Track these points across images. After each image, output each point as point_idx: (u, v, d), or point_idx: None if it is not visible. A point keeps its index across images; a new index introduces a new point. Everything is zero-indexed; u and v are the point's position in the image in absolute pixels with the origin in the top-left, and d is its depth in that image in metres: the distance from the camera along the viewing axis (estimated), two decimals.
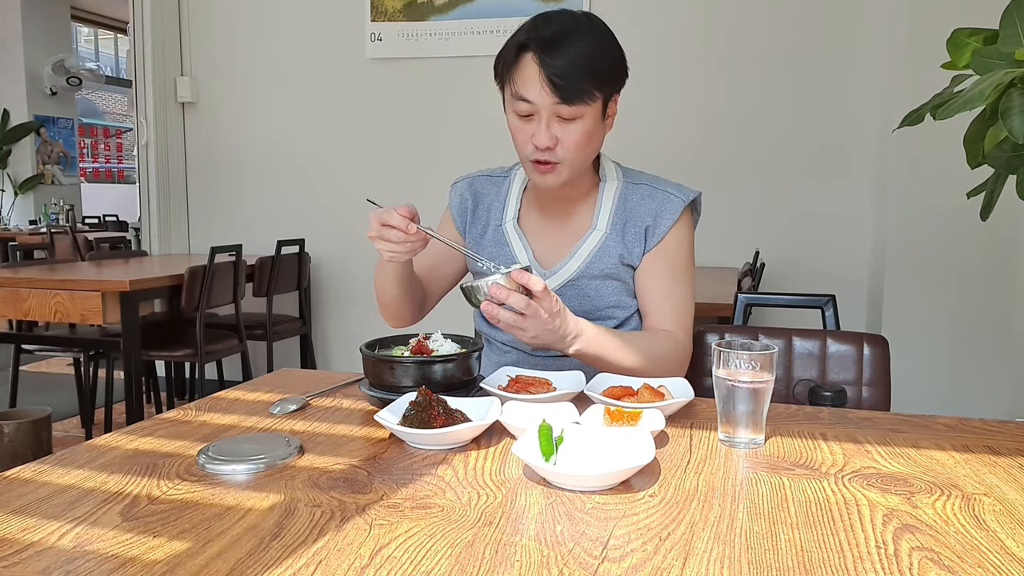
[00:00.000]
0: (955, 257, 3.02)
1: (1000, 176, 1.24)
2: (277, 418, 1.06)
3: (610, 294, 1.34)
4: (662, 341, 1.28)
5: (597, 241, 1.34)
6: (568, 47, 1.17)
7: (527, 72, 1.19)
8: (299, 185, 4.00)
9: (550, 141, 1.21)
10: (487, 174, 1.48)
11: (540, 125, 1.21)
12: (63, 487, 0.80)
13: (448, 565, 0.63)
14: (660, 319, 1.33)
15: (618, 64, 1.25)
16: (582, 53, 1.18)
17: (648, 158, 3.44)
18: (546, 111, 1.20)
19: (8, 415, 2.55)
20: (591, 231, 1.35)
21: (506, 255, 1.39)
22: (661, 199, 1.34)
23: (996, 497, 0.79)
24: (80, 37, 11.86)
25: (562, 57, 1.17)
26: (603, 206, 1.35)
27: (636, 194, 1.35)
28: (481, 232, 1.44)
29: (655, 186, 1.36)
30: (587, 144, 1.24)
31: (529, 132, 1.23)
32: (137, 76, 3.98)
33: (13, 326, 3.44)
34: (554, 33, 1.19)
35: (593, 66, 1.19)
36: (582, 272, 1.34)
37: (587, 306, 1.35)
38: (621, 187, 1.36)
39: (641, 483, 0.82)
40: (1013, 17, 1.09)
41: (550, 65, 1.17)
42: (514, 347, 1.40)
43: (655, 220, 1.33)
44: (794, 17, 3.31)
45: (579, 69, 1.17)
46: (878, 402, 1.50)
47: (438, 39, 3.69)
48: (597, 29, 1.23)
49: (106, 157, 12.35)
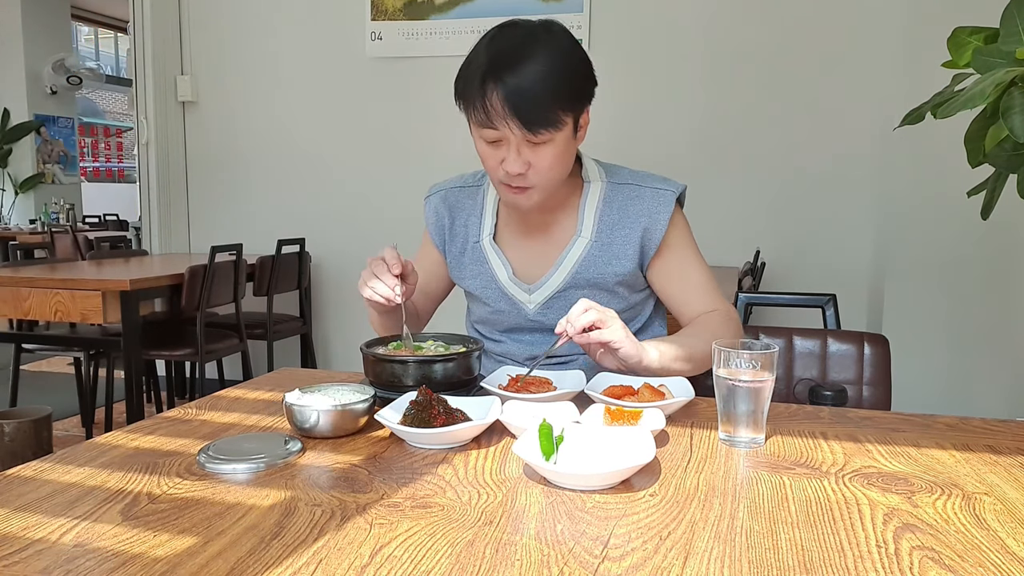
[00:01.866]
0: (955, 256, 3.02)
1: (1001, 175, 1.24)
2: (278, 417, 1.06)
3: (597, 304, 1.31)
4: (712, 323, 1.27)
5: (583, 248, 1.30)
6: (529, 74, 1.11)
7: (491, 101, 1.13)
8: (300, 184, 4.00)
9: (522, 167, 1.17)
10: (460, 184, 1.43)
11: (510, 152, 1.17)
12: (64, 486, 0.80)
13: (448, 564, 0.63)
14: (695, 306, 1.31)
15: (584, 79, 1.19)
16: (545, 79, 1.12)
17: (648, 158, 3.45)
18: (514, 139, 1.15)
19: (8, 414, 2.55)
20: (576, 238, 1.31)
21: (486, 273, 1.36)
22: (651, 197, 1.30)
23: (997, 496, 0.79)
24: (80, 36, 11.86)
25: (525, 86, 1.11)
26: (587, 210, 1.31)
27: (621, 195, 1.31)
28: (460, 250, 1.40)
29: (641, 184, 1.31)
30: (560, 164, 1.20)
31: (499, 157, 1.19)
32: (137, 75, 3.98)
33: (13, 325, 3.44)
34: (513, 59, 1.12)
35: (557, 91, 1.13)
36: (569, 283, 1.30)
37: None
38: (605, 188, 1.32)
39: (641, 482, 0.82)
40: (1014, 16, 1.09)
41: (513, 96, 1.11)
42: (509, 359, 1.38)
43: (651, 219, 1.29)
44: (794, 17, 3.31)
45: (543, 98, 1.12)
46: (878, 401, 1.50)
47: (438, 38, 3.69)
48: (557, 45, 1.16)
49: (106, 156, 12.35)
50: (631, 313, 1.36)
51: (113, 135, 12.47)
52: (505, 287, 1.34)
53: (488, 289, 1.36)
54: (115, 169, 12.43)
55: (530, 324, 1.35)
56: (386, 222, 3.80)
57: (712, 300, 1.32)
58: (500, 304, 1.35)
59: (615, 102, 3.51)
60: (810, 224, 3.38)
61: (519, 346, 1.37)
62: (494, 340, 1.41)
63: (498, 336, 1.40)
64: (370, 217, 3.89)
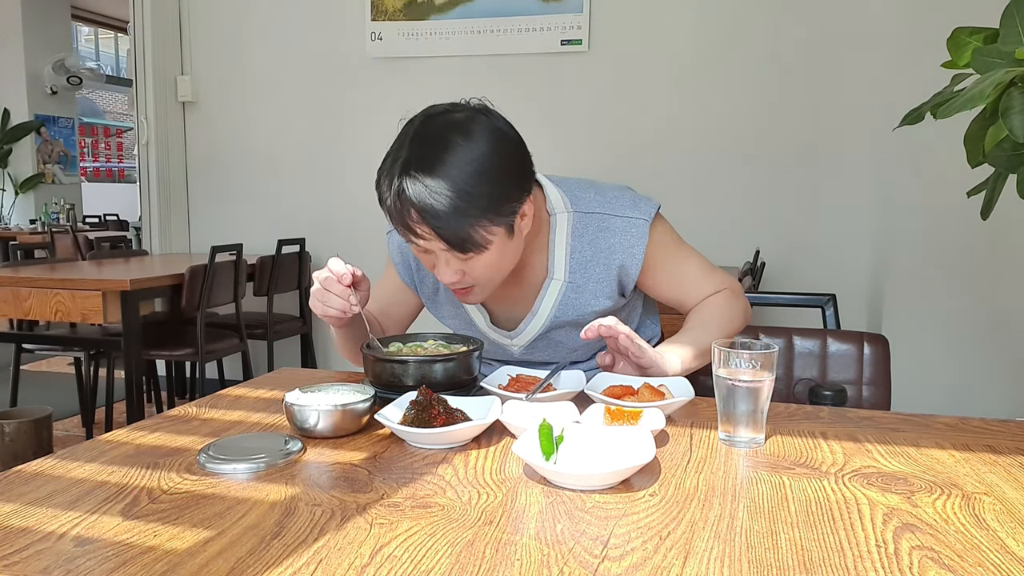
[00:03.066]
0: (955, 256, 3.03)
1: (1000, 175, 1.24)
2: (278, 417, 1.06)
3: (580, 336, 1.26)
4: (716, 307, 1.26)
5: (558, 291, 1.24)
6: (445, 199, 1.02)
7: (411, 220, 1.05)
8: (300, 184, 4.00)
9: (455, 276, 1.12)
10: None
11: (439, 263, 1.11)
12: (64, 486, 0.81)
13: (448, 564, 0.63)
14: (696, 296, 1.29)
15: (516, 183, 1.09)
16: (463, 202, 1.02)
17: (647, 158, 3.45)
18: (442, 254, 1.10)
19: (9, 414, 2.55)
20: (549, 281, 1.24)
21: (463, 315, 1.32)
22: (622, 229, 1.22)
23: (996, 496, 0.79)
24: (80, 36, 11.86)
25: (442, 212, 1.02)
26: (557, 250, 1.23)
27: (591, 226, 1.22)
28: (433, 291, 1.33)
29: (611, 213, 1.22)
30: (499, 267, 1.13)
31: (430, 263, 1.13)
32: (137, 75, 3.98)
33: (14, 325, 3.44)
34: (427, 177, 1.03)
35: (483, 209, 1.04)
36: (549, 325, 1.27)
37: (561, 350, 1.31)
38: (572, 221, 1.23)
39: (641, 482, 0.82)
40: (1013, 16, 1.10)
41: (432, 220, 1.03)
42: (505, 363, 1.38)
43: (626, 254, 1.22)
44: (793, 17, 3.31)
45: (467, 221, 1.04)
46: (878, 401, 1.50)
47: (438, 38, 3.69)
48: (480, 149, 1.05)
49: (106, 156, 12.36)
50: (620, 316, 1.35)
51: (113, 135, 12.47)
52: (486, 333, 1.32)
53: (469, 330, 1.34)
54: (115, 169, 12.44)
55: (517, 358, 1.35)
56: (386, 222, 3.79)
57: (712, 283, 1.29)
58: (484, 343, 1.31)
59: (614, 102, 3.51)
60: (810, 224, 3.38)
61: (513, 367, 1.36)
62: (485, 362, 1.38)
63: (488, 361, 1.39)
64: (370, 217, 3.86)
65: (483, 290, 1.17)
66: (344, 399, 0.99)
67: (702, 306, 1.28)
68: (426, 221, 1.04)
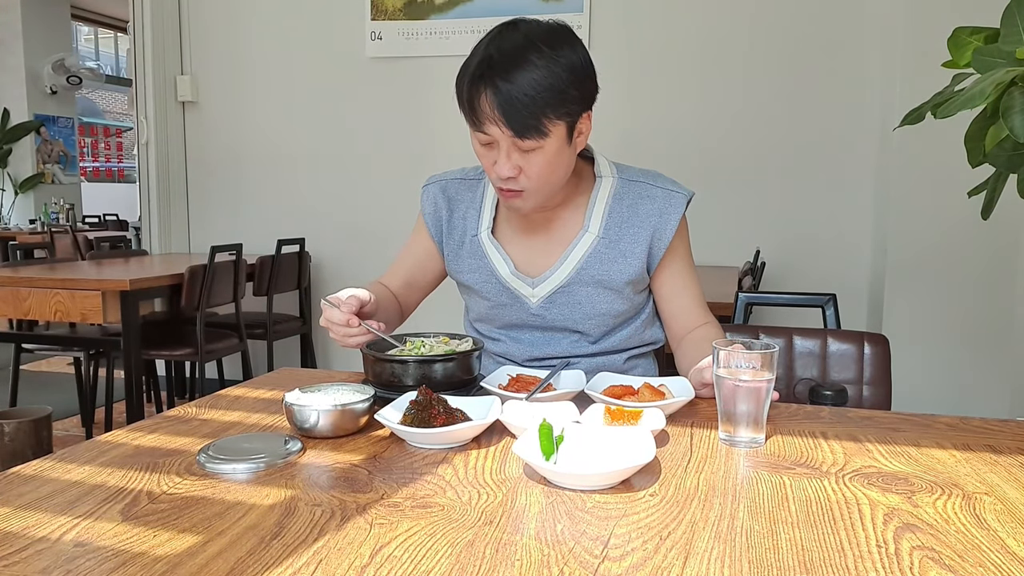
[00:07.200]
0: (956, 256, 3.02)
1: (1001, 175, 1.24)
2: (278, 417, 1.06)
3: (601, 302, 1.31)
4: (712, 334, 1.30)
5: (590, 244, 1.30)
6: (520, 81, 1.11)
7: (481, 105, 1.14)
8: (299, 184, 4.00)
9: (512, 171, 1.18)
10: (461, 176, 1.43)
11: (500, 155, 1.18)
12: (64, 486, 0.80)
13: (448, 564, 0.63)
14: (691, 318, 1.36)
15: (579, 88, 1.17)
16: (534, 85, 1.11)
17: (648, 158, 3.44)
18: (504, 142, 1.16)
19: (8, 414, 2.55)
20: (582, 233, 1.31)
21: (485, 267, 1.36)
22: (662, 198, 1.31)
23: (997, 496, 0.79)
24: (80, 36, 11.86)
25: (514, 93, 1.11)
26: (596, 207, 1.31)
27: (633, 192, 1.32)
28: (459, 243, 1.39)
29: (653, 183, 1.33)
30: (551, 172, 1.21)
31: (491, 159, 1.20)
32: (137, 75, 3.98)
33: (13, 325, 3.44)
34: (507, 64, 1.12)
35: (546, 100, 1.12)
36: (573, 278, 1.31)
37: (577, 314, 1.33)
38: (616, 184, 1.33)
39: (641, 482, 0.82)
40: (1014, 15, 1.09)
41: (501, 100, 1.12)
42: (508, 359, 1.39)
43: (661, 220, 1.30)
44: (794, 17, 3.31)
45: (531, 104, 1.12)
46: (879, 401, 1.50)
47: (438, 38, 3.69)
48: (554, 52, 1.14)
49: (106, 156, 12.35)
50: (632, 313, 1.36)
51: (113, 135, 12.46)
52: (507, 281, 1.34)
53: (487, 283, 1.36)
54: (115, 169, 12.43)
55: (531, 320, 1.35)
56: (386, 222, 3.79)
57: (704, 310, 1.38)
58: (500, 298, 1.35)
59: (615, 102, 3.51)
60: (810, 224, 3.39)
61: (519, 346, 1.37)
62: (493, 339, 1.40)
63: (497, 334, 1.40)
64: (370, 217, 3.89)
65: (531, 197, 1.23)
66: (344, 399, 0.99)
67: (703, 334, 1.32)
68: (498, 104, 1.12)
